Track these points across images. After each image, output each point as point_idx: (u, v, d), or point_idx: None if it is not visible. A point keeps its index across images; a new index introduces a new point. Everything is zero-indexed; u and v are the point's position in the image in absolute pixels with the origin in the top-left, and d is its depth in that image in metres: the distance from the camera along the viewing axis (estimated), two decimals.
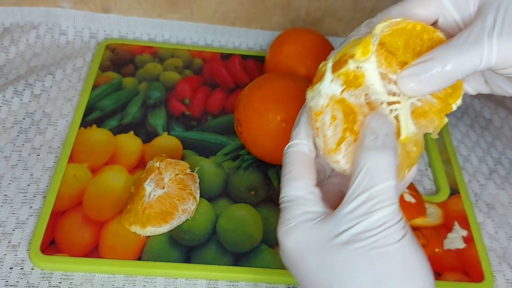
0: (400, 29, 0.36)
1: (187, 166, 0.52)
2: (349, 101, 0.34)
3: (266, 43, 0.71)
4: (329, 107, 0.34)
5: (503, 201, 0.57)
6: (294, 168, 0.36)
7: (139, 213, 0.48)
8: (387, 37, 0.36)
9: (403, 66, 0.35)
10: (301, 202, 0.35)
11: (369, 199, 0.32)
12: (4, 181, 0.53)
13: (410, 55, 0.36)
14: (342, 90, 0.34)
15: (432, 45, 0.36)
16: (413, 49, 0.36)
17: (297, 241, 0.34)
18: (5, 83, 0.61)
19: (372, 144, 0.33)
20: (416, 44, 0.36)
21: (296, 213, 0.34)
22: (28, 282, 0.46)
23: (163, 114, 0.60)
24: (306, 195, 0.35)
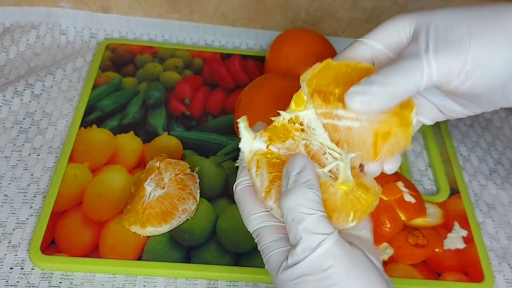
0: (323, 68, 0.38)
1: (187, 166, 0.52)
2: (278, 153, 0.37)
3: (266, 43, 0.71)
4: (253, 161, 0.37)
5: (503, 201, 0.57)
6: (246, 203, 0.38)
7: (139, 213, 0.48)
8: (314, 78, 0.38)
9: (342, 99, 0.36)
10: (265, 232, 0.37)
11: (296, 244, 0.34)
12: (4, 181, 0.53)
13: (343, 87, 0.37)
14: (267, 145, 0.37)
15: (362, 74, 0.37)
16: (345, 81, 0.37)
17: (273, 271, 0.36)
18: (5, 83, 0.61)
19: (284, 189, 0.35)
20: (346, 76, 0.38)
21: (266, 244, 0.37)
22: (28, 282, 0.46)
23: (163, 114, 0.60)
24: (265, 224, 0.38)
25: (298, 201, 0.34)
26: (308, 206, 0.34)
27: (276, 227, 0.37)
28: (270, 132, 0.38)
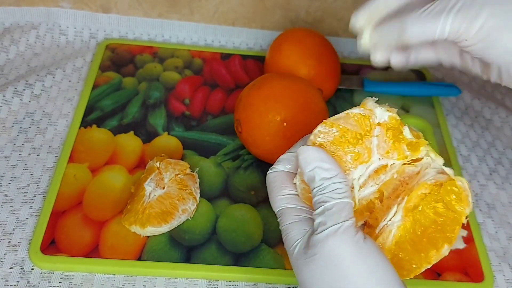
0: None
1: (187, 166, 0.52)
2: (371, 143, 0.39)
3: (266, 43, 0.71)
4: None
5: (503, 201, 0.57)
6: (276, 185, 0.40)
7: (139, 213, 0.48)
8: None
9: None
10: (288, 212, 0.38)
11: (322, 216, 0.35)
12: (4, 181, 0.53)
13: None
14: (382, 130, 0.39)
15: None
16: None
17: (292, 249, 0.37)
18: (5, 83, 0.61)
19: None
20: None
21: (288, 224, 0.38)
22: (28, 282, 0.46)
23: (163, 114, 0.60)
24: (290, 205, 0.39)
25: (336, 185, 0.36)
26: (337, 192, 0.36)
27: (297, 209, 0.38)
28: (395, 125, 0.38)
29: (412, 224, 0.37)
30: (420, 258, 0.38)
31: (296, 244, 0.36)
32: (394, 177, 0.39)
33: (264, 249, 0.49)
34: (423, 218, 0.37)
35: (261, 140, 0.52)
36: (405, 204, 0.37)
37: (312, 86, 0.54)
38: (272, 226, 0.51)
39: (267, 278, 0.48)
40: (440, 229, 0.37)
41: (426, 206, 0.37)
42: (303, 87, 0.53)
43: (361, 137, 0.38)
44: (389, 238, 0.38)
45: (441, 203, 0.37)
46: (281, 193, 0.39)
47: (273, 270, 0.48)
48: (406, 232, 0.38)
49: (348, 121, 0.38)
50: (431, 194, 0.37)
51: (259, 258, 0.49)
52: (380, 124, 0.38)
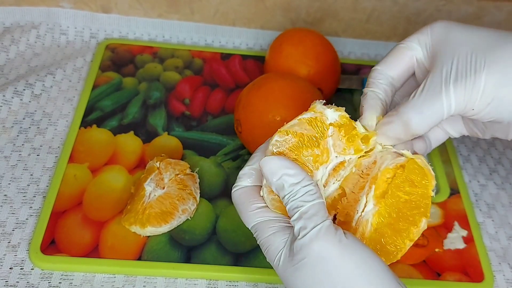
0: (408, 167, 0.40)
1: (187, 166, 0.52)
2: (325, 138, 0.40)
3: (266, 43, 0.71)
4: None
5: (503, 201, 0.57)
6: (244, 202, 0.40)
7: (139, 213, 0.48)
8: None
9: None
10: (263, 226, 0.38)
11: (299, 222, 0.35)
12: (4, 181, 0.53)
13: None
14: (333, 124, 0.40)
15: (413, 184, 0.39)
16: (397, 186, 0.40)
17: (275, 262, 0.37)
18: (5, 83, 0.61)
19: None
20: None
21: (265, 238, 0.38)
22: (28, 282, 0.46)
23: (163, 114, 0.60)
24: (263, 218, 0.39)
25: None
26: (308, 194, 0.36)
27: (272, 221, 0.38)
28: (344, 121, 0.39)
29: (385, 209, 0.39)
30: (402, 237, 0.39)
31: (280, 254, 0.36)
32: (353, 171, 0.40)
33: None
34: (395, 201, 0.39)
35: (261, 140, 0.52)
36: (374, 192, 0.39)
37: (312, 86, 0.54)
38: None
39: (267, 278, 0.48)
40: (414, 206, 0.39)
41: (395, 189, 0.39)
42: (303, 87, 0.53)
43: (316, 139, 0.39)
44: (367, 228, 0.39)
45: (408, 182, 0.39)
46: (251, 208, 0.39)
47: (273, 270, 0.48)
48: (382, 217, 0.39)
49: (302, 126, 0.39)
50: (396, 177, 0.39)
51: (259, 258, 0.49)
52: (332, 124, 0.39)
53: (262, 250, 0.38)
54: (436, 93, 0.38)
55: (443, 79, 0.38)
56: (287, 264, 0.36)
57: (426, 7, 0.69)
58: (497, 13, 0.69)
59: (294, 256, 0.35)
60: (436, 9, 0.69)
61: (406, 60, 0.42)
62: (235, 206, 0.41)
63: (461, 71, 0.38)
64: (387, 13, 0.69)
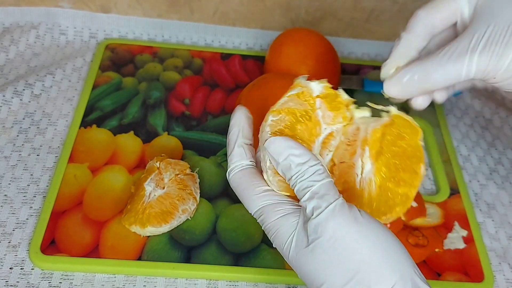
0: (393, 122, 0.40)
1: (187, 166, 0.52)
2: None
3: (266, 43, 0.71)
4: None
5: (503, 201, 0.57)
6: (246, 185, 0.38)
7: (139, 213, 0.48)
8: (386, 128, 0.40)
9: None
10: (269, 209, 0.37)
11: (311, 202, 0.34)
12: (4, 181, 0.53)
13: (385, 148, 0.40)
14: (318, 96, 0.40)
15: (409, 153, 0.39)
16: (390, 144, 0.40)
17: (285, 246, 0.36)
18: (5, 83, 0.61)
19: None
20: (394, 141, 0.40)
21: (273, 222, 0.36)
22: (28, 282, 0.46)
23: (163, 114, 0.60)
24: (269, 201, 0.37)
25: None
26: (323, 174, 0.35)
27: (279, 204, 0.37)
28: (328, 92, 0.40)
29: (384, 164, 0.39)
30: (406, 186, 0.39)
31: (292, 236, 0.35)
32: (342, 139, 0.40)
33: (264, 249, 0.49)
34: (391, 155, 0.39)
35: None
36: (370, 153, 0.39)
37: None
38: None
39: (267, 278, 0.48)
40: (411, 155, 0.39)
41: (389, 145, 0.39)
42: None
43: (307, 113, 0.39)
44: (373, 187, 0.39)
45: (400, 137, 0.39)
46: (256, 191, 0.38)
47: (273, 270, 0.48)
48: (383, 173, 0.39)
49: (293, 102, 0.39)
50: (386, 134, 0.39)
51: (259, 258, 0.49)
52: (319, 96, 0.39)
53: (268, 235, 0.37)
54: (461, 55, 0.38)
55: (472, 44, 0.38)
56: (300, 246, 0.35)
57: None
58: None
59: (309, 236, 0.34)
60: None
61: (450, 10, 0.42)
62: (234, 189, 0.39)
63: (492, 39, 0.38)
64: (387, 13, 0.69)
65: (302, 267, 0.35)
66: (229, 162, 0.39)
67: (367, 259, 0.33)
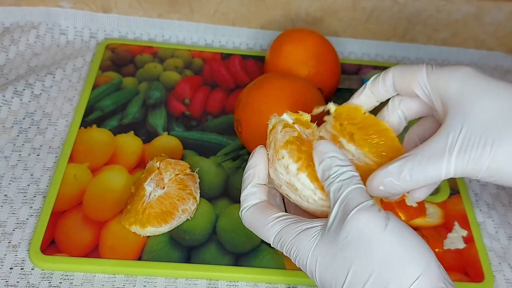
0: (353, 109, 0.44)
1: (187, 166, 0.52)
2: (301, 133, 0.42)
3: (266, 43, 0.71)
4: (280, 124, 0.41)
5: (503, 201, 0.57)
6: (260, 220, 0.39)
7: (139, 213, 0.48)
8: (343, 111, 0.44)
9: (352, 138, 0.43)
10: (286, 231, 0.37)
11: (341, 206, 0.36)
12: (4, 181, 0.53)
13: (359, 132, 0.43)
14: (293, 122, 0.42)
15: (382, 136, 0.43)
16: (362, 129, 0.43)
17: (307, 262, 0.36)
18: (5, 83, 0.61)
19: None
20: (367, 127, 0.43)
21: (292, 242, 0.37)
22: (28, 282, 0.46)
23: (163, 114, 0.60)
24: (284, 224, 0.38)
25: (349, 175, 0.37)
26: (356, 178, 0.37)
27: (295, 223, 0.38)
28: (297, 116, 0.42)
29: (361, 142, 0.42)
30: (387, 141, 0.42)
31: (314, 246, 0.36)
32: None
33: (264, 249, 0.49)
34: (359, 133, 0.43)
35: (261, 140, 0.52)
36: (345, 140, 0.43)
37: (312, 86, 0.54)
38: None
39: (267, 278, 0.48)
40: (369, 123, 0.43)
41: (350, 126, 0.43)
42: (303, 87, 0.53)
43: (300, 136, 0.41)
44: (371, 162, 0.42)
45: (350, 117, 0.44)
46: (269, 220, 0.38)
47: (273, 270, 0.48)
48: (371, 147, 0.42)
49: (287, 133, 0.40)
50: (341, 122, 0.44)
51: (259, 258, 0.49)
52: (294, 123, 0.42)
53: (291, 256, 0.37)
54: (439, 156, 0.38)
55: (448, 146, 0.38)
56: (325, 250, 0.35)
57: (426, 7, 0.69)
58: (497, 13, 0.69)
59: (339, 233, 0.35)
60: (436, 9, 0.69)
61: (413, 86, 0.42)
62: (249, 227, 0.40)
63: (467, 141, 0.38)
64: (387, 13, 0.69)
65: (327, 271, 0.35)
66: (242, 201, 0.40)
67: (393, 252, 0.34)
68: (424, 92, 0.41)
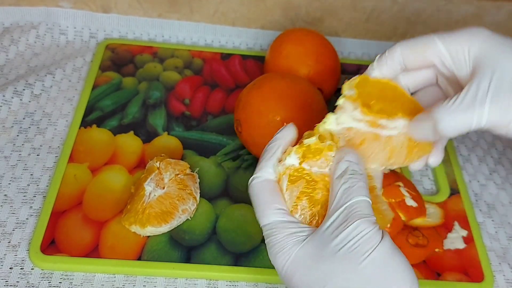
0: (361, 82, 0.42)
1: (187, 166, 0.52)
2: (311, 170, 0.39)
3: (266, 43, 0.71)
4: (285, 175, 0.38)
5: (503, 201, 0.57)
6: (265, 197, 0.38)
7: (139, 213, 0.48)
8: (357, 88, 0.41)
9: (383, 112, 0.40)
10: (282, 226, 0.37)
11: (345, 212, 0.36)
12: (4, 181, 0.53)
13: (382, 102, 0.41)
14: (300, 162, 0.39)
15: (396, 95, 0.42)
16: (382, 97, 0.41)
17: (289, 262, 0.36)
18: (5, 83, 0.61)
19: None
20: (381, 92, 0.42)
21: (282, 238, 0.37)
22: (28, 282, 0.46)
23: (163, 114, 0.60)
24: (284, 219, 0.38)
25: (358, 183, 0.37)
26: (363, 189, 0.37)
27: (291, 223, 0.38)
28: (303, 149, 0.39)
29: (395, 110, 0.41)
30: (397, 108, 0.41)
31: (299, 250, 0.36)
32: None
33: (264, 249, 0.49)
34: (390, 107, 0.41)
35: (261, 140, 0.52)
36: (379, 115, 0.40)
37: (312, 86, 0.54)
38: None
39: (267, 278, 0.48)
40: (383, 87, 0.42)
41: (377, 105, 0.41)
42: (303, 87, 0.53)
43: (309, 182, 0.39)
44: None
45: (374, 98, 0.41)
46: (272, 207, 0.38)
47: (273, 270, 0.48)
48: (403, 112, 0.41)
49: (298, 187, 0.39)
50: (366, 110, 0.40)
51: (259, 258, 0.49)
52: (301, 163, 0.39)
53: (270, 249, 0.37)
54: (469, 106, 0.37)
55: (479, 96, 0.37)
56: (317, 246, 0.35)
57: (426, 7, 0.69)
58: (497, 13, 0.69)
59: (334, 238, 0.35)
60: (436, 9, 0.69)
61: (426, 52, 0.41)
62: (251, 196, 0.39)
63: (499, 90, 0.37)
64: (387, 12, 0.69)
65: (310, 274, 0.35)
66: (257, 169, 0.40)
67: (382, 271, 0.34)
68: (441, 60, 0.41)
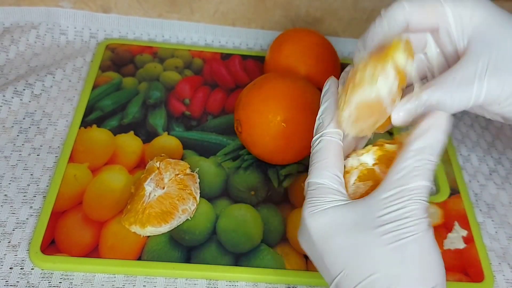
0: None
1: (187, 166, 0.52)
2: (380, 176, 0.38)
3: (266, 43, 0.71)
4: (357, 170, 0.39)
5: (503, 201, 0.57)
6: (327, 158, 0.38)
7: (139, 213, 0.48)
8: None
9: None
10: (329, 189, 0.37)
11: (405, 191, 0.34)
12: (4, 181, 0.53)
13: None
14: (374, 164, 0.39)
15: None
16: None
17: (325, 223, 0.36)
18: (5, 83, 0.61)
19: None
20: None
21: (324, 199, 0.36)
22: (28, 282, 0.46)
23: (163, 114, 0.60)
24: (334, 184, 0.37)
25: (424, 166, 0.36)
26: (428, 174, 0.36)
27: (341, 194, 0.37)
28: (383, 153, 0.39)
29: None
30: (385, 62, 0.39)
31: (339, 208, 0.36)
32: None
33: (264, 249, 0.49)
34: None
35: (261, 140, 0.52)
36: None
37: (312, 86, 0.54)
38: (272, 226, 0.51)
39: (267, 278, 0.48)
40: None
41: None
42: (303, 87, 0.53)
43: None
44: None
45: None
46: (331, 171, 0.37)
47: (273, 270, 0.48)
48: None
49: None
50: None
51: (259, 258, 0.49)
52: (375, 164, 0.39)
53: (308, 210, 0.37)
54: (468, 80, 0.37)
55: (478, 70, 0.37)
56: (353, 221, 0.35)
57: None
58: None
59: (376, 215, 0.34)
60: None
61: (433, 13, 0.40)
62: (314, 147, 0.39)
63: (499, 65, 0.37)
64: None
65: (340, 241, 0.35)
66: (319, 126, 0.39)
67: (419, 261, 0.34)
68: (445, 22, 0.40)
